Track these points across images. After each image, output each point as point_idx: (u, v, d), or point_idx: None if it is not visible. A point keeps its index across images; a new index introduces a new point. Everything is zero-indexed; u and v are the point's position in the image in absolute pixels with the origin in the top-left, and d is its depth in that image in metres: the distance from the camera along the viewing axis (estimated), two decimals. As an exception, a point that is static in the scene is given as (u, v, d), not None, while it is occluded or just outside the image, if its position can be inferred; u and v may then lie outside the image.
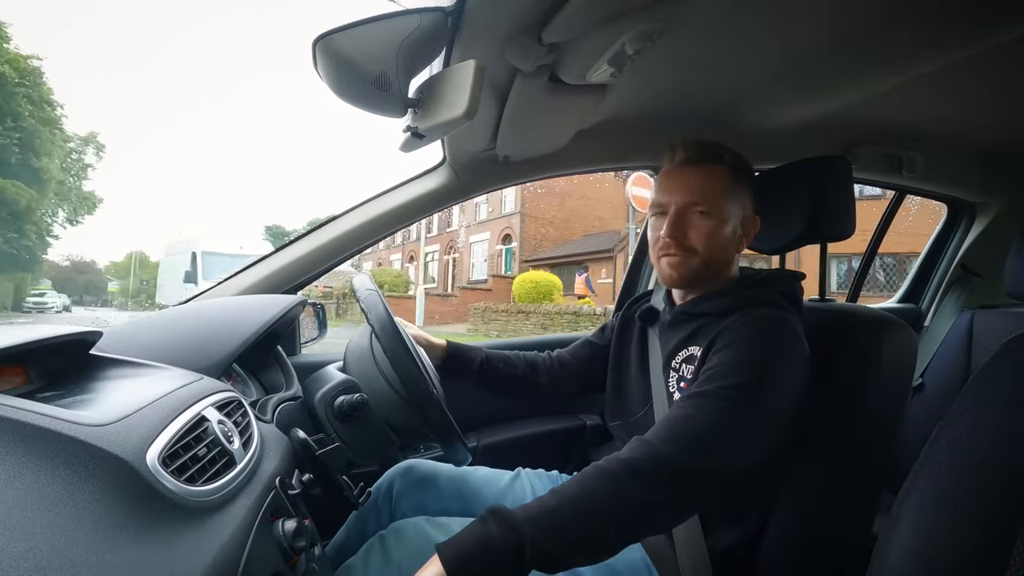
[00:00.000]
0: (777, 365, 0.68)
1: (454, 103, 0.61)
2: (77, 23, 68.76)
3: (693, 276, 0.81)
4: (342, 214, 1.13)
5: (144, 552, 0.39)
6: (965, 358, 1.46)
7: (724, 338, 0.72)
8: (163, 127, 71.61)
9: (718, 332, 0.74)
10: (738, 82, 0.89)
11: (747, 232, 0.83)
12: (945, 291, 1.79)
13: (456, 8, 0.60)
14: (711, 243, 0.79)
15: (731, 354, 0.69)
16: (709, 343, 0.74)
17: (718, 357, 0.71)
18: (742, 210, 0.82)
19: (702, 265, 0.80)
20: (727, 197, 0.79)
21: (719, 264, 0.82)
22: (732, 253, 0.83)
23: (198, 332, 0.77)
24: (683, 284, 0.83)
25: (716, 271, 0.82)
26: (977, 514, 0.46)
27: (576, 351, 1.07)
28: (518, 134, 0.97)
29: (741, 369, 0.67)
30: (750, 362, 0.68)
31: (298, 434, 0.72)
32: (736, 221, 0.81)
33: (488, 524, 0.57)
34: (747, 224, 0.83)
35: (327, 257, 1.11)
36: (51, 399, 0.49)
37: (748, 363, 0.68)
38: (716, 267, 0.81)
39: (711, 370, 0.70)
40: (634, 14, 0.61)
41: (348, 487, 0.75)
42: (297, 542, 0.55)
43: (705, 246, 0.79)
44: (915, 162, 1.37)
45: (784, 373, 0.69)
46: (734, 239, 0.81)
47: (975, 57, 0.80)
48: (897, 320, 0.79)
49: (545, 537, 0.55)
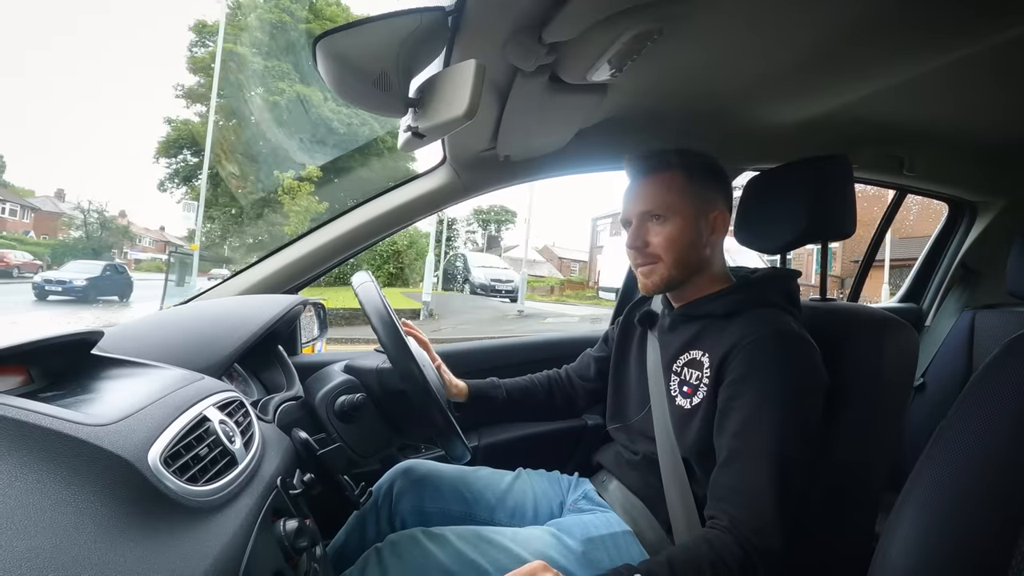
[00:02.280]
0: (803, 380, 0.71)
1: (454, 103, 0.61)
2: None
3: (665, 282, 0.83)
4: (342, 214, 1.13)
5: (146, 552, 0.39)
6: (966, 358, 1.46)
7: (741, 364, 0.72)
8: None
9: (730, 348, 0.74)
10: (738, 81, 0.89)
11: (715, 229, 0.83)
12: (946, 291, 1.79)
13: (456, 8, 0.60)
14: (672, 246, 0.80)
15: (757, 389, 0.70)
16: (722, 357, 0.74)
17: (746, 392, 0.71)
18: (704, 208, 0.82)
19: (670, 269, 0.81)
20: (682, 199, 0.80)
21: (691, 264, 0.82)
22: (702, 251, 0.82)
23: (199, 332, 0.77)
24: (658, 290, 0.84)
25: (692, 271, 0.83)
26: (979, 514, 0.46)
27: (583, 371, 1.07)
28: (518, 134, 0.97)
29: (775, 401, 0.69)
30: (780, 392, 0.69)
31: (299, 434, 0.73)
32: (698, 220, 0.81)
33: None
34: (715, 221, 0.82)
35: (327, 257, 1.11)
36: (53, 399, 0.49)
37: (778, 394, 0.69)
38: (689, 267, 0.82)
39: (745, 410, 0.70)
40: (634, 13, 0.61)
41: (349, 487, 0.75)
42: (298, 542, 0.55)
43: (666, 250, 0.81)
44: (915, 161, 1.37)
45: (812, 383, 0.71)
46: (700, 238, 0.82)
47: (975, 56, 0.79)
48: (899, 320, 0.79)
49: None
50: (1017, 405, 0.48)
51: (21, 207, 24.83)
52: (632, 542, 0.79)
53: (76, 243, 21.70)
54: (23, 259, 17.04)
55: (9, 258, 16.46)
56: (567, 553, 0.76)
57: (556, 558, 0.75)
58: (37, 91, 64.77)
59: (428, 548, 0.72)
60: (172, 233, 31.70)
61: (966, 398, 0.52)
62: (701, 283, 0.84)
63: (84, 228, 22.28)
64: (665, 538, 0.79)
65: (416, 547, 0.73)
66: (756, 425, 0.68)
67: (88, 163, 64.65)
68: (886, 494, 0.75)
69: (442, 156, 1.10)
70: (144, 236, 32.52)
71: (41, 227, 25.10)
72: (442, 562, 0.71)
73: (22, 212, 24.89)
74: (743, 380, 0.71)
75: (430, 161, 1.15)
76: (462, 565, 0.71)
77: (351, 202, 1.21)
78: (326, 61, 0.60)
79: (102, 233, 22.33)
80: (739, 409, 0.70)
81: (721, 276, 0.85)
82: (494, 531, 0.77)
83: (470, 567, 0.71)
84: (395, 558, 0.72)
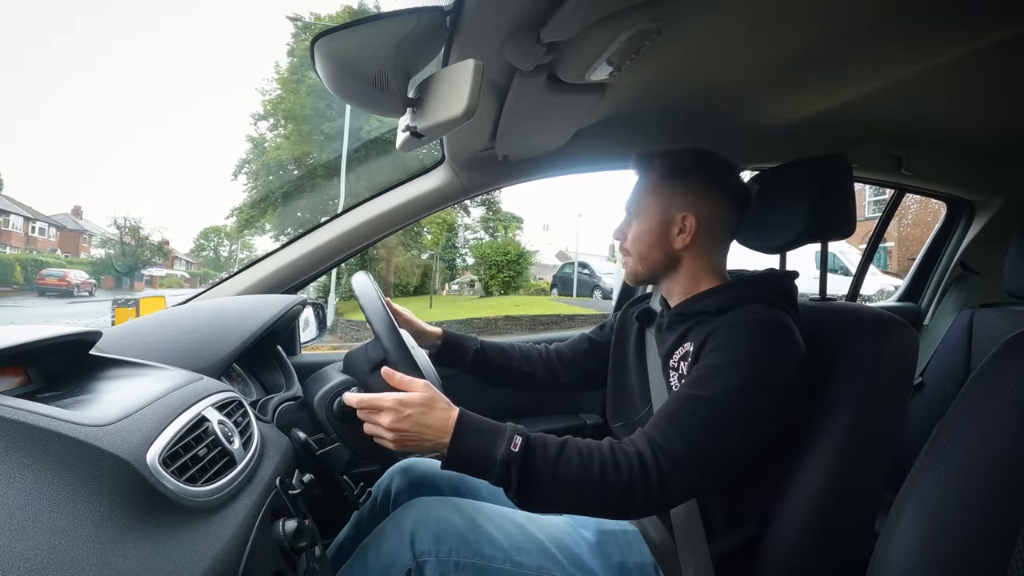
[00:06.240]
0: (769, 368, 0.69)
1: (453, 102, 0.61)
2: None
3: (634, 275, 0.88)
4: (341, 214, 1.13)
5: (144, 552, 0.39)
6: (965, 357, 1.46)
7: (717, 338, 0.72)
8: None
9: (712, 330, 0.74)
10: (737, 81, 0.89)
11: (685, 230, 0.82)
12: (945, 290, 1.79)
13: (454, 7, 0.60)
14: (637, 242, 0.86)
15: (723, 357, 0.70)
16: (703, 340, 0.74)
17: (711, 358, 0.71)
18: (670, 209, 0.82)
19: (636, 264, 0.87)
20: (652, 197, 0.85)
21: (655, 262, 0.85)
22: (669, 250, 0.83)
23: (198, 332, 0.77)
24: (632, 282, 0.90)
25: (658, 268, 0.85)
26: (978, 512, 0.46)
27: (575, 345, 1.08)
28: (517, 133, 0.97)
29: (734, 373, 0.68)
30: (742, 366, 0.69)
31: (298, 434, 0.73)
32: (662, 218, 0.83)
33: (505, 443, 0.64)
34: (684, 222, 0.82)
35: (327, 257, 1.11)
36: (51, 399, 0.49)
37: (740, 368, 0.68)
38: (653, 265, 0.85)
39: (704, 370, 0.70)
40: (632, 13, 0.61)
41: (348, 487, 0.75)
42: (298, 542, 0.55)
43: (633, 245, 0.86)
44: (914, 161, 1.37)
45: (776, 375, 0.69)
46: (663, 236, 0.83)
47: (974, 56, 0.79)
48: (898, 319, 0.79)
49: (529, 489, 0.63)
50: (1015, 404, 0.48)
51: (48, 225, 24.78)
52: (639, 541, 0.79)
53: (115, 259, 21.74)
54: (81, 278, 17.62)
55: (70, 277, 17.01)
56: (581, 542, 0.77)
57: (569, 545, 0.76)
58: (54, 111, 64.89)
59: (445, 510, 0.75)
60: (177, 248, 31.63)
61: (964, 397, 0.52)
62: (685, 282, 0.85)
63: (120, 245, 21.98)
64: (668, 537, 0.79)
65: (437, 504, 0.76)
66: (708, 383, 0.68)
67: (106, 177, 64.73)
68: (885, 493, 0.76)
69: (441, 156, 1.11)
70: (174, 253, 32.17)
71: (65, 245, 25.09)
72: (458, 527, 0.72)
73: (48, 230, 24.81)
74: (714, 350, 0.71)
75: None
76: (477, 533, 0.72)
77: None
78: (324, 61, 0.60)
79: (138, 250, 22.21)
80: (698, 370, 0.71)
81: (714, 276, 0.85)
82: (512, 511, 0.78)
83: (485, 537, 0.72)
84: (410, 509, 0.75)
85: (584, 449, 0.66)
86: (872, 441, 0.76)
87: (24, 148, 61.47)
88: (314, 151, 15.05)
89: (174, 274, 28.22)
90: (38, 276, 16.56)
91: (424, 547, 0.70)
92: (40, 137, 64.05)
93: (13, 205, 22.27)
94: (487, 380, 1.05)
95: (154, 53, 66.23)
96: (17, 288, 16.53)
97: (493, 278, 14.12)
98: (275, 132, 16.37)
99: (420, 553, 0.69)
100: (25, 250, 21.04)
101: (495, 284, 14.08)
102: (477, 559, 0.70)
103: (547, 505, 0.66)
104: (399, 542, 0.70)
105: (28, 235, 22.80)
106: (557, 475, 0.63)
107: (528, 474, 0.63)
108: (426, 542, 0.70)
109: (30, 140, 62.98)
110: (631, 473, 0.63)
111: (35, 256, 19.35)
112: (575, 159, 1.17)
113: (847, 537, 0.77)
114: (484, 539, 0.72)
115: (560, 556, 0.74)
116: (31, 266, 17.43)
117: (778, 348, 0.71)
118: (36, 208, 24.00)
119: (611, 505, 0.65)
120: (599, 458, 0.64)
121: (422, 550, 0.69)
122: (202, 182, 69.09)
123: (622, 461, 0.64)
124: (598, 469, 0.63)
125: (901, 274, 13.28)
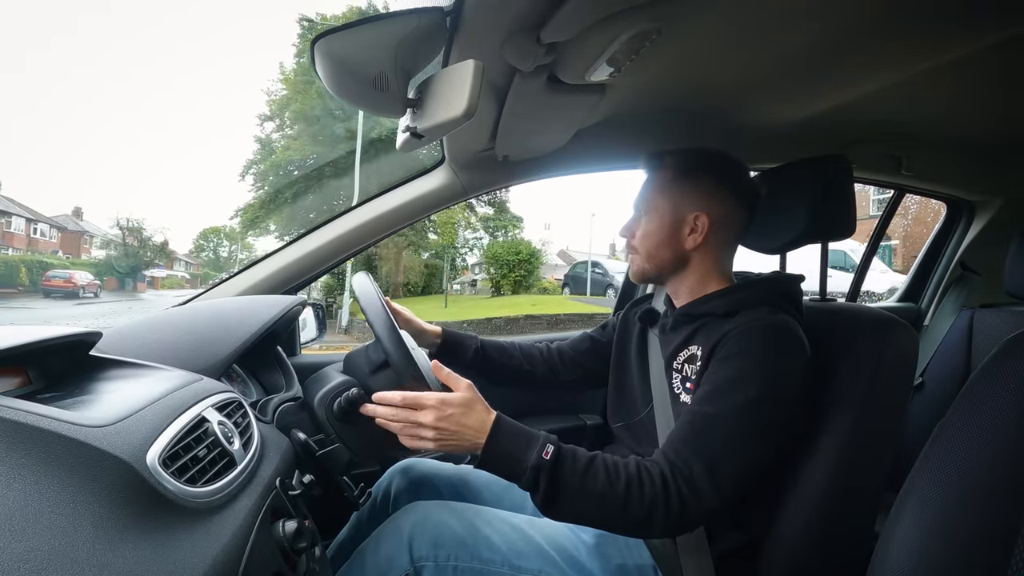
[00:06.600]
0: (781, 377, 0.70)
1: (453, 103, 0.61)
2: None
3: (641, 273, 0.87)
4: (341, 214, 1.13)
5: (144, 553, 0.39)
6: (965, 357, 1.46)
7: (728, 346, 0.72)
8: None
9: (721, 336, 0.74)
10: (737, 81, 0.89)
11: (697, 230, 0.81)
12: (945, 290, 1.79)
13: (454, 8, 0.60)
14: (644, 240, 0.85)
15: (735, 367, 0.70)
16: (713, 345, 0.74)
17: (723, 370, 0.71)
18: (682, 208, 0.82)
19: (643, 262, 0.86)
20: (661, 196, 0.84)
21: (664, 261, 0.84)
22: (678, 250, 0.83)
23: (198, 333, 0.77)
24: (638, 280, 0.90)
25: (667, 267, 0.85)
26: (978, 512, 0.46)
27: (576, 344, 1.08)
28: (517, 134, 0.97)
29: (747, 384, 0.68)
30: (755, 377, 0.69)
31: (298, 435, 0.73)
32: (674, 217, 0.82)
33: (537, 450, 0.65)
34: (696, 222, 0.81)
35: (327, 257, 1.11)
36: (51, 400, 0.49)
37: (753, 378, 0.69)
38: (661, 264, 0.84)
39: (715, 383, 0.70)
40: (632, 14, 0.61)
41: (348, 487, 0.75)
42: (298, 543, 0.55)
43: (641, 243, 0.86)
44: (914, 161, 1.37)
45: (788, 385, 0.70)
46: (674, 235, 0.82)
47: (974, 56, 0.79)
48: (898, 319, 0.79)
49: (555, 497, 0.64)
50: (1015, 404, 0.48)
51: (49, 226, 24.78)
52: (638, 543, 0.79)
53: (116, 260, 21.75)
54: (87, 280, 17.73)
55: (76, 279, 17.09)
56: (579, 545, 0.77)
57: (568, 548, 0.76)
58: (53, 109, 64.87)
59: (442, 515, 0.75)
60: (177, 248, 31.60)
61: (964, 397, 0.52)
62: (692, 282, 0.84)
63: (123, 246, 21.95)
64: (667, 539, 0.79)
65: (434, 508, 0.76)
66: (722, 397, 0.69)
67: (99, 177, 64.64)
68: (886, 493, 0.76)
69: (441, 156, 1.11)
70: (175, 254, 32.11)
71: (66, 246, 25.10)
72: (456, 532, 0.72)
73: (49, 231, 24.83)
74: (725, 360, 0.71)
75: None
76: (475, 537, 0.72)
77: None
78: (324, 61, 0.60)
79: (140, 251, 22.24)
80: (711, 382, 0.71)
81: (721, 277, 0.85)
82: (510, 514, 0.78)
83: (483, 541, 0.72)
84: (408, 513, 0.74)
85: (611, 465, 0.66)
86: (872, 441, 0.76)
87: (24, 148, 61.63)
88: (324, 152, 15.04)
89: (174, 275, 28.34)
90: (43, 278, 16.63)
91: (422, 551, 0.69)
92: (40, 137, 64.22)
93: (15, 207, 22.30)
94: (487, 379, 1.05)
95: (154, 53, 66.36)
96: (23, 289, 16.61)
97: (504, 277, 14.14)
98: (281, 133, 16.39)
99: (418, 557, 0.69)
100: (28, 251, 21.10)
101: (506, 284, 14.10)
102: (475, 563, 0.70)
103: (570, 515, 0.66)
104: (397, 546, 0.70)
105: (30, 236, 22.82)
106: (583, 487, 0.64)
107: (556, 482, 0.63)
108: (424, 546, 0.70)
109: (30, 140, 63.15)
110: (654, 496, 0.64)
111: (39, 257, 19.45)
112: (575, 159, 1.17)
113: (847, 537, 0.77)
114: (482, 543, 0.72)
115: (559, 559, 0.74)
116: (36, 267, 17.51)
117: (788, 356, 0.71)
118: (36, 209, 24.07)
119: (634, 523, 0.65)
120: (625, 476, 0.65)
121: (420, 554, 0.69)
122: (202, 182, 69.14)
123: (647, 482, 0.64)
124: (623, 487, 0.64)
125: (907, 271, 13.26)
